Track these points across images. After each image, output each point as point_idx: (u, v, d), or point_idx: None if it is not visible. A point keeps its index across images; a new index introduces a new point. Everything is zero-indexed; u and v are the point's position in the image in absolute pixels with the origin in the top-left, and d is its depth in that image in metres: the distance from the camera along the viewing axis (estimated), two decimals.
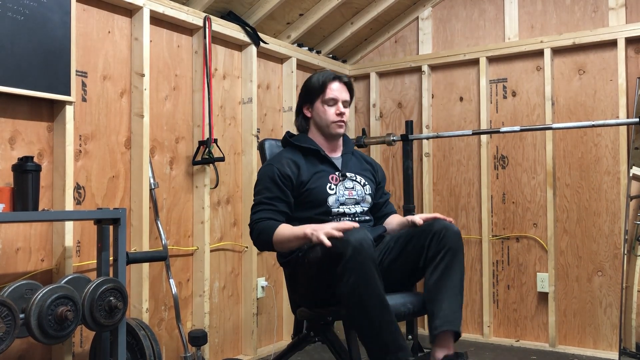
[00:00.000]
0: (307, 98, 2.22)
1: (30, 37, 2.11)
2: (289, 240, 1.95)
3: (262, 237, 2.01)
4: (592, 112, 3.24)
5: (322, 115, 2.18)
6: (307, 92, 2.22)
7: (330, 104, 2.17)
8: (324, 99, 2.17)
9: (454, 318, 1.87)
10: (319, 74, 2.23)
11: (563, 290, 3.29)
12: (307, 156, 2.17)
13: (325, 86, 2.17)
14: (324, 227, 1.83)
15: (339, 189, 2.13)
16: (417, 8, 3.78)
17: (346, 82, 2.21)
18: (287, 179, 2.08)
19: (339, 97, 2.17)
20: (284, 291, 3.41)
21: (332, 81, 2.18)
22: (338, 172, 2.18)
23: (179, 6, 2.73)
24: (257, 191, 2.12)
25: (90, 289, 1.87)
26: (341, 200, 2.12)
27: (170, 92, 2.78)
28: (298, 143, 2.20)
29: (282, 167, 2.10)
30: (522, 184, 3.43)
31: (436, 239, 1.93)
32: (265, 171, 2.12)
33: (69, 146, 2.26)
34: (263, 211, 2.05)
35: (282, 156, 2.17)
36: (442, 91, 3.72)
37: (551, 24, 3.39)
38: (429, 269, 1.94)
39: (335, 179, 2.15)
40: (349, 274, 1.74)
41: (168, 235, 2.74)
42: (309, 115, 2.23)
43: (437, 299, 1.88)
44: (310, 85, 2.20)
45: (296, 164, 2.13)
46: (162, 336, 2.69)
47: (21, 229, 2.18)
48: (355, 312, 1.78)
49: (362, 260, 1.73)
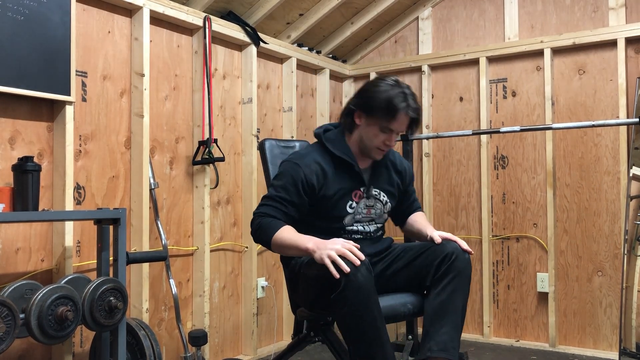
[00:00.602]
0: (367, 108, 1.97)
1: (30, 37, 2.11)
2: (289, 247, 1.87)
3: (261, 234, 1.93)
4: (592, 112, 3.24)
5: (371, 137, 1.98)
6: (370, 102, 1.96)
7: (385, 131, 1.96)
8: (382, 125, 1.95)
9: (451, 346, 1.82)
10: (392, 93, 1.92)
11: (563, 290, 3.29)
12: (338, 165, 2.02)
13: (394, 115, 1.92)
14: (327, 247, 1.74)
15: (358, 207, 2.03)
16: (417, 8, 3.78)
17: (414, 118, 1.97)
18: (310, 187, 1.96)
19: (398, 129, 1.97)
20: (284, 291, 3.41)
21: (403, 112, 1.92)
22: (363, 187, 2.04)
23: (179, 6, 2.73)
24: (275, 185, 1.99)
25: (90, 289, 1.87)
26: (357, 218, 2.03)
27: (170, 92, 2.78)
28: (333, 150, 2.02)
29: (310, 174, 1.96)
30: (522, 184, 3.43)
31: (447, 261, 1.89)
32: (291, 170, 1.98)
33: (69, 146, 2.26)
34: (272, 207, 1.94)
35: (312, 159, 2.00)
36: (442, 91, 3.72)
37: (551, 24, 3.39)
38: (434, 289, 1.90)
39: (359, 196, 2.03)
40: (342, 303, 1.70)
41: (168, 235, 2.74)
42: (357, 123, 2.01)
43: (438, 321, 1.85)
44: (377, 99, 1.93)
45: (324, 172, 1.98)
46: (162, 336, 2.69)
47: (21, 229, 2.18)
48: (347, 336, 1.75)
49: (356, 293, 1.68)
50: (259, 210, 1.97)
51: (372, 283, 1.72)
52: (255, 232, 1.96)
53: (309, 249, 1.78)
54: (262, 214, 1.95)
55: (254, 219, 1.98)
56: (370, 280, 1.72)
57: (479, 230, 3.53)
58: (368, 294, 1.70)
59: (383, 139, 1.97)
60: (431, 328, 1.86)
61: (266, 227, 1.91)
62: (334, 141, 2.05)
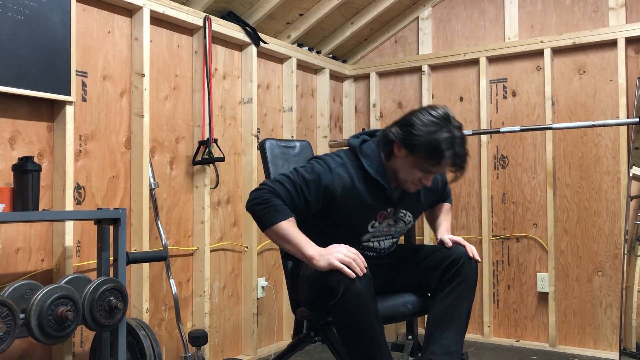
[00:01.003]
0: (409, 145, 1.80)
1: (30, 37, 2.11)
2: (288, 243, 1.78)
3: (264, 212, 1.78)
4: (592, 112, 3.24)
5: (407, 173, 1.85)
6: (413, 140, 1.78)
7: (424, 171, 1.83)
8: (422, 165, 1.81)
9: (454, 351, 1.82)
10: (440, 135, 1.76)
11: (563, 290, 3.29)
12: (369, 183, 1.88)
13: (439, 162, 1.78)
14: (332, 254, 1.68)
15: (380, 226, 1.93)
16: (417, 8, 3.78)
17: (460, 165, 1.82)
18: (332, 197, 1.84)
19: (438, 172, 1.87)
20: (284, 291, 3.41)
21: (448, 159, 1.78)
22: (390, 209, 1.93)
23: (179, 6, 2.73)
24: (300, 173, 1.83)
25: (91, 289, 1.87)
26: (376, 235, 1.95)
27: (170, 92, 2.78)
28: (368, 169, 1.87)
29: (338, 184, 1.83)
30: (522, 184, 3.43)
31: (454, 265, 1.88)
32: (322, 171, 1.84)
33: (69, 146, 2.26)
34: (286, 191, 1.79)
35: (346, 171, 1.86)
36: (442, 91, 3.72)
37: (551, 24, 3.39)
38: (440, 292, 1.89)
39: (384, 216, 1.93)
40: (339, 311, 1.69)
41: (168, 235, 2.74)
42: (396, 154, 1.85)
43: (442, 325, 1.85)
44: (422, 140, 1.77)
45: (354, 187, 1.85)
46: (162, 336, 2.69)
47: (21, 229, 2.18)
48: (345, 342, 1.75)
49: (354, 301, 1.66)
50: (272, 186, 1.81)
51: (371, 291, 1.70)
52: (258, 205, 1.80)
53: (312, 258, 1.72)
54: (274, 192, 1.79)
55: (263, 190, 1.81)
56: (370, 289, 1.70)
57: (479, 230, 3.53)
58: (366, 302, 1.68)
59: (420, 177, 1.85)
60: (435, 331, 1.86)
61: (274, 209, 1.77)
62: (370, 158, 1.89)
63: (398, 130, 1.83)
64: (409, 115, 1.85)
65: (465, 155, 1.81)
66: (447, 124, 1.79)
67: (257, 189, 1.84)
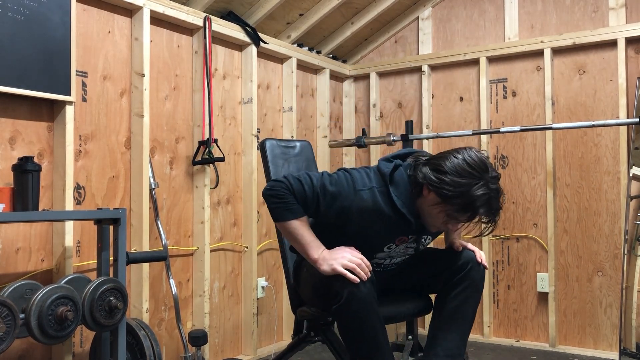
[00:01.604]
0: (440, 192, 1.67)
1: (30, 37, 2.11)
2: (295, 241, 1.77)
3: (277, 206, 1.76)
4: (592, 112, 3.24)
5: (434, 217, 1.75)
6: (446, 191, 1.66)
7: (452, 219, 1.73)
8: (452, 215, 1.71)
9: (457, 354, 1.82)
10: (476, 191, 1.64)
11: (563, 290, 3.29)
12: (394, 212, 1.77)
13: (472, 216, 1.71)
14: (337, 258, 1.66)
15: (397, 249, 1.87)
16: (417, 8, 3.77)
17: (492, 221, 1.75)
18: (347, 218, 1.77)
19: (465, 223, 1.76)
20: (284, 291, 3.41)
21: (480, 215, 1.71)
22: (411, 236, 1.85)
23: (179, 6, 2.73)
24: (322, 184, 1.76)
25: (90, 289, 1.87)
26: (392, 255, 1.90)
27: (170, 92, 2.78)
28: (396, 202, 1.75)
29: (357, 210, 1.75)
30: (522, 184, 3.43)
31: (463, 269, 1.88)
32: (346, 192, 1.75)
33: (69, 146, 2.26)
34: (304, 195, 1.75)
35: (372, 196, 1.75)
36: (442, 91, 3.72)
37: (551, 24, 3.39)
38: (446, 295, 1.89)
39: (402, 241, 1.85)
40: (342, 315, 1.69)
41: (168, 235, 2.74)
42: (424, 196, 1.73)
43: (446, 327, 1.85)
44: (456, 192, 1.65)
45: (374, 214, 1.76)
46: (162, 336, 2.69)
47: (21, 229, 2.18)
48: (348, 346, 1.75)
49: (357, 306, 1.65)
50: (291, 183, 1.76)
51: (374, 296, 1.70)
52: (273, 197, 1.77)
53: (317, 261, 1.71)
54: (291, 189, 1.75)
55: (281, 184, 1.77)
56: (373, 293, 1.70)
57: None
58: (370, 306, 1.68)
59: (446, 223, 1.76)
60: (439, 333, 1.86)
61: (287, 207, 1.75)
62: (399, 189, 1.77)
63: (429, 174, 1.70)
64: (442, 159, 1.71)
65: (499, 209, 1.71)
66: (483, 175, 1.66)
67: (278, 180, 1.79)
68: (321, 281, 1.77)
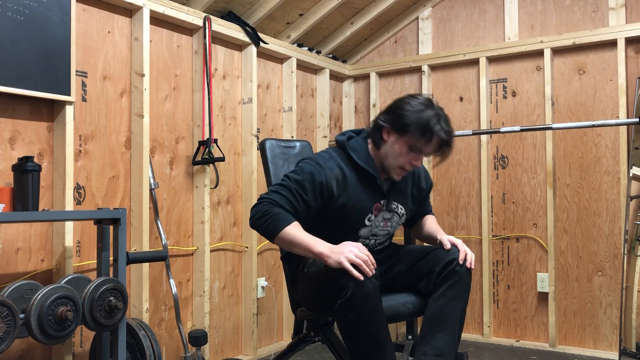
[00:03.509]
0: (398, 126, 1.87)
1: (30, 37, 2.11)
2: (298, 246, 1.77)
3: (267, 223, 1.79)
4: (592, 112, 3.24)
5: (397, 155, 1.89)
6: (403, 120, 1.86)
7: (414, 150, 1.88)
8: (412, 144, 1.86)
9: (447, 353, 1.80)
10: (427, 112, 1.85)
11: (563, 290, 3.29)
12: (360, 175, 1.93)
13: (429, 139, 1.85)
14: (344, 252, 1.67)
15: (376, 220, 1.96)
16: (417, 8, 3.78)
17: (446, 141, 1.88)
18: (329, 193, 1.86)
19: (427, 151, 1.90)
20: (284, 291, 3.41)
21: (437, 135, 1.85)
22: (383, 201, 1.97)
23: (179, 6, 2.73)
24: (292, 177, 1.86)
25: (90, 289, 1.87)
26: (373, 232, 1.98)
27: (170, 92, 2.78)
28: (357, 160, 1.93)
29: (331, 178, 1.86)
30: (522, 184, 3.43)
31: (449, 266, 1.87)
32: (313, 168, 1.87)
33: (69, 146, 2.26)
34: (284, 198, 1.81)
35: (335, 163, 1.91)
36: (442, 91, 3.72)
37: (551, 24, 3.39)
38: (434, 293, 1.89)
39: (378, 209, 1.96)
40: (347, 311, 1.68)
41: (168, 235, 2.74)
42: (385, 139, 1.92)
43: (435, 326, 1.84)
44: (411, 119, 1.85)
45: (345, 179, 1.89)
46: (162, 336, 2.69)
47: (21, 229, 2.18)
48: (350, 343, 1.74)
49: (363, 301, 1.66)
50: (269, 197, 1.83)
51: (378, 291, 1.71)
52: (259, 218, 1.81)
53: (322, 254, 1.71)
54: (272, 202, 1.82)
55: (262, 204, 1.83)
56: (378, 289, 1.70)
57: (479, 230, 3.53)
58: (375, 302, 1.69)
59: (410, 159, 1.89)
60: (428, 332, 1.84)
61: (276, 218, 1.78)
62: (358, 151, 1.95)
63: (387, 116, 1.92)
64: (395, 102, 1.95)
65: (450, 131, 1.90)
66: (431, 104, 1.91)
67: (256, 204, 1.86)
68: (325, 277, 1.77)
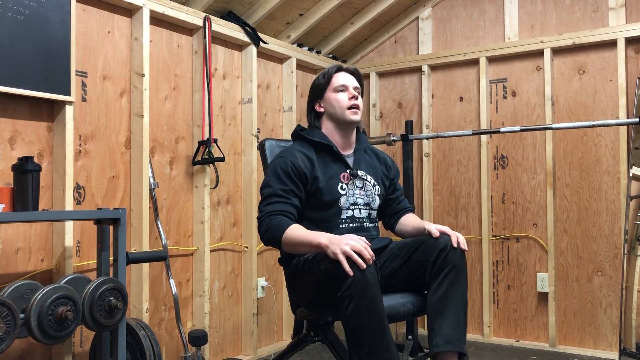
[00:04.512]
0: (316, 93, 2.16)
1: (30, 37, 2.11)
2: (300, 244, 1.86)
3: (271, 234, 1.91)
4: (592, 112, 3.24)
5: (335, 103, 2.10)
6: (315, 88, 2.17)
7: (340, 89, 2.11)
8: (333, 87, 2.11)
9: (456, 338, 1.81)
10: (324, 70, 2.18)
11: (563, 290, 3.29)
12: (319, 152, 2.09)
13: (331, 76, 2.13)
14: (341, 242, 1.73)
15: (349, 189, 2.06)
16: (417, 8, 3.78)
17: (352, 71, 2.16)
18: (301, 173, 2.00)
19: (348, 83, 2.11)
20: (284, 291, 3.41)
21: (338, 71, 2.14)
22: (349, 169, 2.09)
23: (179, 6, 2.73)
24: (268, 183, 2.01)
25: (90, 289, 1.87)
26: (352, 201, 2.06)
27: (170, 92, 2.78)
28: (310, 137, 2.11)
29: (296, 160, 2.01)
30: (522, 184, 3.43)
31: (442, 254, 1.88)
32: (278, 163, 2.02)
33: (69, 146, 2.26)
34: (278, 204, 1.95)
35: (295, 149, 2.08)
36: (442, 91, 3.72)
37: (551, 24, 3.39)
38: (432, 284, 1.89)
39: (347, 178, 2.07)
40: (348, 300, 1.70)
41: (168, 235, 2.74)
42: (321, 110, 2.15)
43: (440, 316, 1.84)
44: (317, 81, 2.16)
45: (309, 158, 2.04)
46: (162, 336, 2.69)
47: (21, 229, 2.18)
48: (351, 334, 1.74)
49: (363, 290, 1.68)
50: (266, 210, 1.96)
51: (377, 280, 1.73)
52: (264, 234, 1.94)
53: (321, 244, 1.78)
54: (270, 213, 1.94)
55: (263, 220, 1.96)
56: (376, 278, 1.72)
57: (479, 230, 3.53)
58: (375, 291, 1.70)
59: (345, 97, 2.09)
60: (435, 324, 1.85)
61: (276, 227, 1.90)
62: (310, 131, 2.16)
63: (309, 100, 2.20)
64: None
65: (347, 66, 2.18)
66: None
67: (259, 222, 1.98)
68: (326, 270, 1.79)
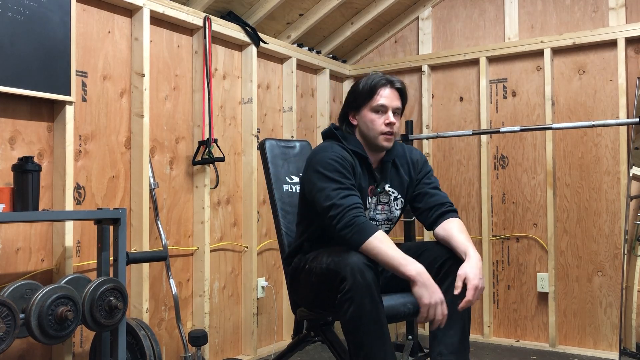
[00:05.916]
0: (354, 104, 2.00)
1: (30, 37, 2.11)
2: (384, 261, 1.74)
3: (355, 235, 1.76)
4: (592, 112, 3.24)
5: (370, 125, 1.95)
6: (354, 97, 2.00)
7: (379, 110, 1.95)
8: (372, 106, 1.95)
9: (462, 349, 1.81)
10: (368, 77, 1.99)
11: (563, 290, 3.29)
12: (354, 159, 1.97)
13: (375, 91, 1.95)
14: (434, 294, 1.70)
15: (373, 203, 2.00)
16: (417, 8, 3.78)
17: (399, 88, 1.98)
18: (352, 167, 1.91)
19: (389, 104, 1.94)
20: (284, 291, 3.41)
21: (383, 86, 1.95)
22: (376, 183, 2.00)
23: (179, 6, 2.73)
24: (332, 178, 1.84)
25: (90, 289, 1.87)
26: (371, 216, 2.00)
27: (170, 92, 2.78)
28: (346, 144, 1.97)
29: (346, 157, 1.90)
30: (522, 184, 3.43)
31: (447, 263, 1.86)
32: (332, 157, 1.88)
33: (69, 146, 2.26)
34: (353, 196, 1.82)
35: (339, 149, 1.93)
36: (442, 91, 3.72)
37: (551, 24, 3.39)
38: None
39: (372, 191, 1.99)
40: (348, 303, 1.69)
41: (168, 235, 2.74)
42: (354, 123, 2.01)
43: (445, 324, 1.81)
44: (358, 90, 1.98)
45: (350, 164, 1.93)
46: (162, 336, 2.69)
47: (21, 229, 2.18)
48: (351, 337, 1.74)
49: (362, 293, 1.67)
50: (344, 203, 1.80)
51: (378, 285, 1.72)
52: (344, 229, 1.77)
53: (410, 277, 1.71)
54: (349, 207, 1.79)
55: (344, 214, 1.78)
56: (377, 282, 1.71)
57: (479, 230, 3.53)
58: (375, 295, 1.70)
59: (382, 121, 1.94)
60: (439, 332, 1.84)
61: (362, 229, 1.76)
62: (346, 138, 2.01)
63: (344, 105, 2.06)
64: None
65: (398, 80, 2.00)
66: (375, 73, 2.03)
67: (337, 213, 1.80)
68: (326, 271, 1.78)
